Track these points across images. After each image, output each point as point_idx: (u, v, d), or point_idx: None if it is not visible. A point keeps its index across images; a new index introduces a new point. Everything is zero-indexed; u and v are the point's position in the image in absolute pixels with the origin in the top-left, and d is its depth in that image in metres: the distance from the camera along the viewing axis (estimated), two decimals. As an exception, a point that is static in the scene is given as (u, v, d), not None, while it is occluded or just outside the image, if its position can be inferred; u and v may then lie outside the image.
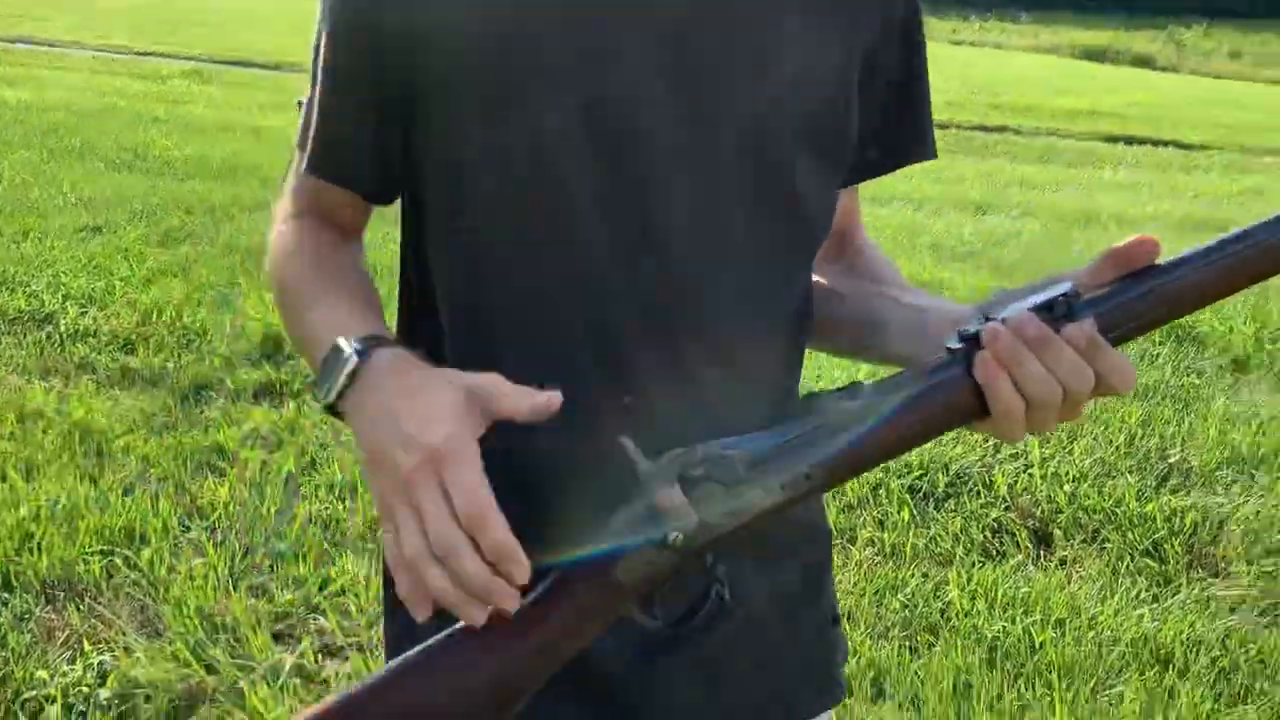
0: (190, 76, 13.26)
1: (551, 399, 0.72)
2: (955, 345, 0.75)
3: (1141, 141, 13.49)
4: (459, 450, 0.68)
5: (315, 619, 2.63)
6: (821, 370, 3.89)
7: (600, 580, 0.70)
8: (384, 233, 1.60)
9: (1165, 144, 13.44)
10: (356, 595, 2.70)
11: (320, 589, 2.74)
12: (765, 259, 0.88)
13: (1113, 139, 13.55)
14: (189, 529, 3.00)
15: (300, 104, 0.95)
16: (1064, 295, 0.73)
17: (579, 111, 0.81)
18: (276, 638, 2.57)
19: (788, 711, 0.96)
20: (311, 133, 0.91)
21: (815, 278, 0.97)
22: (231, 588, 2.72)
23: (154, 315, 4.54)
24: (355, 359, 0.75)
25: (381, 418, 0.71)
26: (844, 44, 0.88)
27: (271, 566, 2.84)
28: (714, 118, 0.83)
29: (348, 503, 3.15)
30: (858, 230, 1.05)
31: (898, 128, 0.96)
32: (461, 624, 0.69)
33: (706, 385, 0.85)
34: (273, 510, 3.08)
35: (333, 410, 0.77)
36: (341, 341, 0.76)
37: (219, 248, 5.74)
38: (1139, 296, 0.74)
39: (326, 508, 3.13)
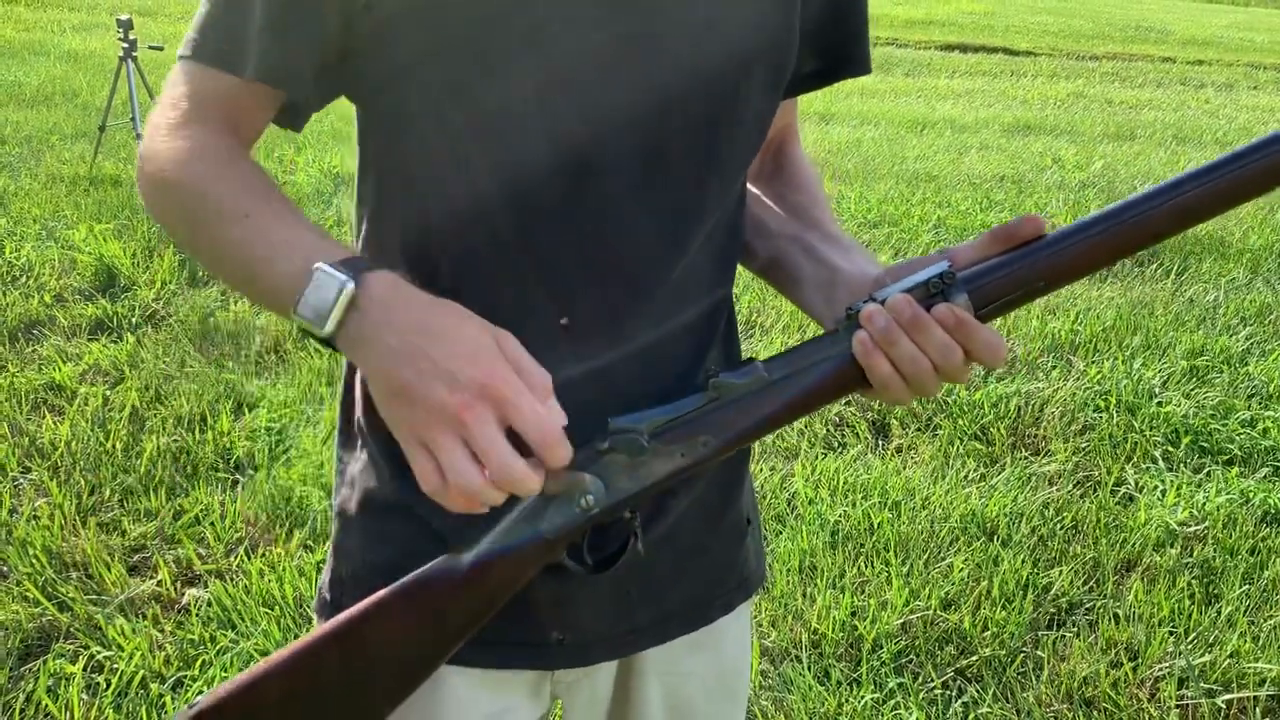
0: (-7, -4, 12.29)
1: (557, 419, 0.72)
2: (842, 322, 0.82)
3: (975, 50, 13.94)
4: (515, 383, 0.69)
5: (171, 550, 2.61)
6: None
7: (529, 538, 0.80)
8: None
9: (996, 51, 13.93)
10: (212, 524, 2.68)
11: (174, 519, 2.71)
12: (701, 174, 0.88)
13: (948, 48, 13.96)
14: (29, 470, 2.90)
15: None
16: (940, 275, 0.79)
17: (520, 34, 0.80)
18: (132, 571, 2.54)
19: (707, 606, 1.03)
20: (243, 32, 0.83)
21: (749, 205, 1.00)
22: (80, 525, 2.66)
23: (-28, 252, 4.30)
24: (350, 285, 0.71)
25: (406, 351, 0.70)
26: None
27: (121, 501, 2.79)
28: (654, 36, 0.83)
29: (197, 434, 3.10)
30: (793, 143, 1.07)
31: (837, 41, 0.97)
32: (412, 577, 0.80)
33: (641, 299, 0.88)
34: (118, 446, 3.01)
35: (326, 342, 0.73)
36: (325, 267, 0.72)
37: (40, 179, 5.43)
38: (1016, 270, 0.79)
39: (175, 440, 3.07)
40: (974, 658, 2.38)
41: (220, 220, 0.80)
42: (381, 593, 0.80)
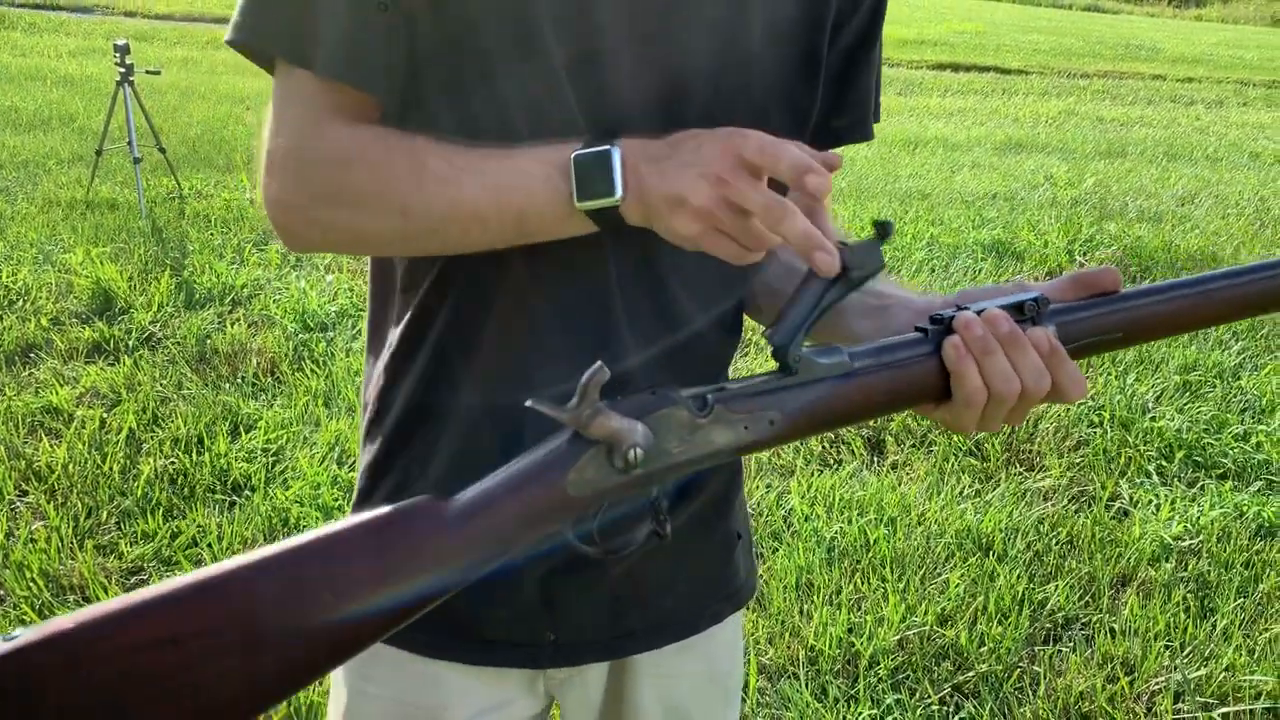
0: (-11, 22, 12.35)
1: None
2: (928, 327, 0.76)
3: (966, 69, 14.03)
4: (767, 139, 0.73)
5: (169, 572, 2.61)
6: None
7: (548, 487, 0.67)
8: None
9: (988, 70, 14.02)
10: (209, 546, 2.69)
11: (170, 541, 2.71)
12: None
13: (940, 67, 14.05)
14: (26, 493, 2.91)
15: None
16: (1034, 300, 0.76)
17: (563, 68, 0.81)
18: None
19: (697, 615, 1.05)
20: (328, 39, 0.81)
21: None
22: (78, 548, 2.66)
23: (-31, 277, 4.31)
24: (615, 150, 0.76)
25: (672, 168, 0.74)
26: (813, 13, 0.88)
27: (118, 524, 2.79)
28: (681, 76, 0.84)
29: (194, 456, 3.10)
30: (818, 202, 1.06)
31: (851, 100, 0.96)
32: (392, 508, 0.65)
33: (654, 344, 0.89)
34: (115, 468, 3.01)
35: (608, 218, 0.77)
36: (581, 152, 0.76)
37: (37, 204, 5.45)
38: (1101, 316, 0.78)
39: (172, 462, 3.07)
40: (970, 673, 2.38)
41: (445, 177, 0.79)
42: (344, 521, 0.64)
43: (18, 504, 2.86)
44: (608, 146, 0.76)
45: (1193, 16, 28.62)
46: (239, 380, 3.63)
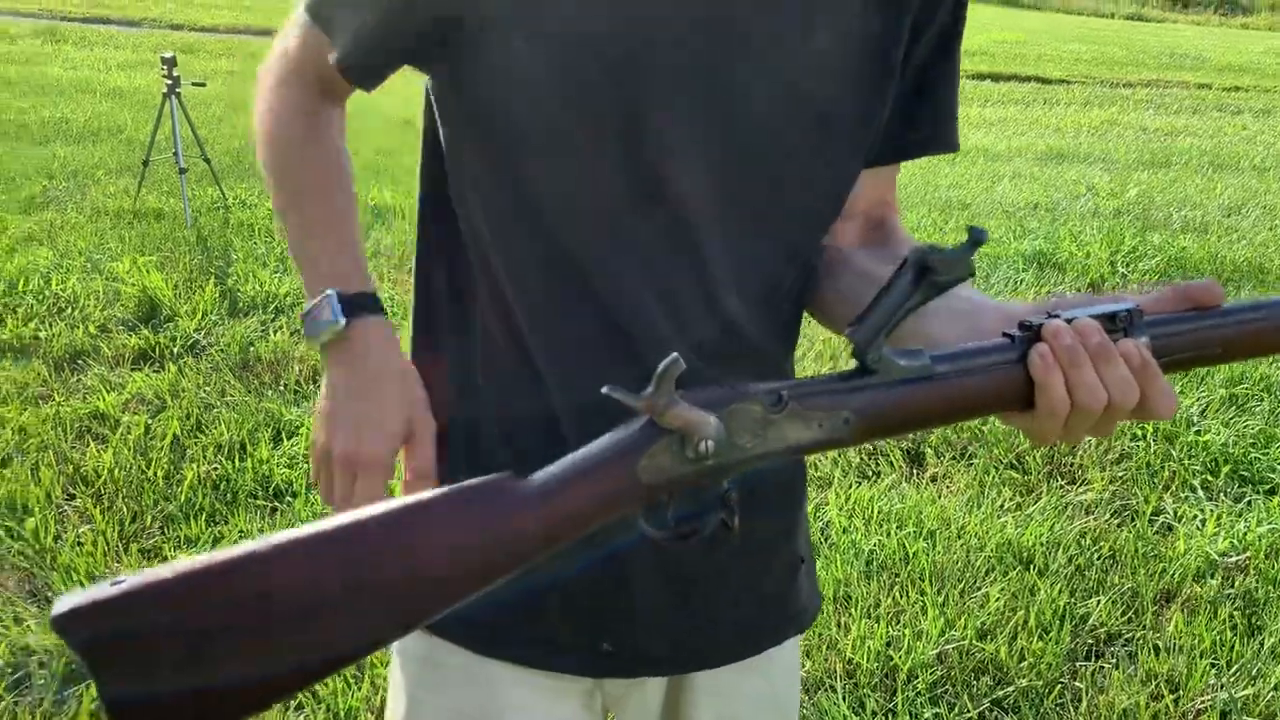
0: (42, 35, 12.61)
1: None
2: (1015, 334, 0.74)
3: (1007, 78, 13.92)
4: (379, 465, 0.89)
5: (210, 576, 2.64)
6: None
7: (621, 472, 0.67)
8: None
9: (1028, 80, 13.91)
10: (251, 551, 2.72)
11: (213, 546, 2.74)
12: (772, 231, 0.89)
13: (980, 76, 13.95)
14: (74, 497, 2.96)
15: None
16: (1128, 311, 0.74)
17: (609, 83, 0.82)
18: (172, 597, 2.57)
19: (757, 637, 1.05)
20: (347, 22, 0.90)
21: (851, 260, 0.96)
22: (122, 551, 2.70)
23: (20, 284, 4.39)
24: (341, 323, 0.89)
25: (342, 391, 0.91)
26: (888, 26, 0.87)
27: (162, 529, 2.83)
28: (732, 94, 0.84)
29: (236, 462, 3.14)
30: (893, 215, 1.03)
31: (930, 113, 0.95)
32: (474, 481, 0.67)
33: (706, 350, 0.88)
34: (160, 474, 3.06)
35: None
36: (334, 300, 0.90)
37: (86, 213, 5.55)
38: (1198, 330, 0.75)
39: (215, 468, 3.12)
40: (1011, 689, 2.36)
41: (291, 197, 0.96)
42: (423, 494, 0.65)
43: (65, 508, 2.91)
44: (342, 318, 0.89)
45: (1239, 25, 28.23)
46: (281, 387, 3.68)
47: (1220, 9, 30.59)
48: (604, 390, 0.65)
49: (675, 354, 0.65)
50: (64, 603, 0.55)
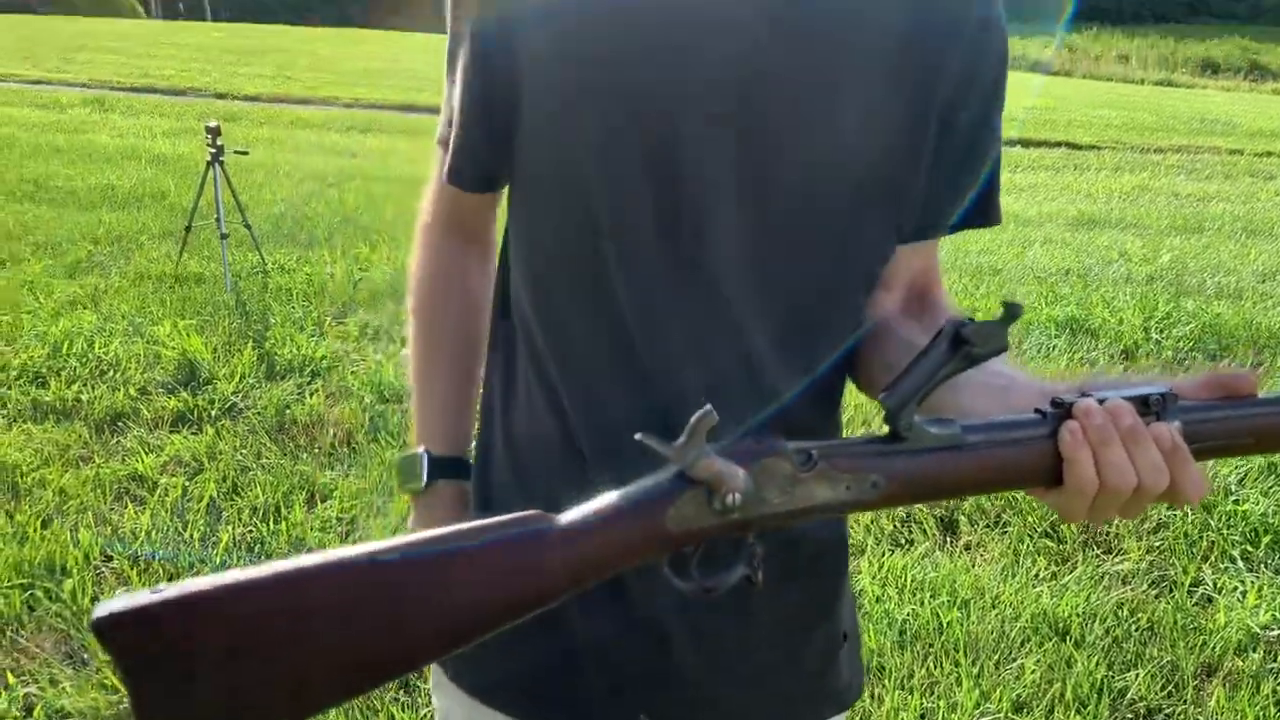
0: (91, 104, 13.00)
1: None
2: (1047, 410, 0.74)
3: (1037, 144, 13.98)
4: None
5: (244, 640, 2.65)
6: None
7: (649, 520, 0.69)
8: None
9: (1058, 145, 13.96)
10: (284, 614, 2.73)
11: (248, 610, 2.76)
12: (808, 301, 0.91)
13: (1010, 142, 14.01)
14: (110, 559, 2.99)
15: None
16: (1161, 394, 0.74)
17: (644, 147, 0.85)
18: (205, 660, 2.59)
19: (791, 715, 1.05)
20: (450, 140, 0.99)
21: (896, 330, 0.98)
22: (157, 613, 2.72)
23: (64, 347, 4.48)
24: (423, 483, 1.06)
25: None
26: (918, 102, 0.88)
27: (197, 591, 2.85)
28: (767, 164, 0.85)
29: (271, 525, 3.17)
30: (935, 287, 1.05)
31: (970, 188, 0.96)
32: (507, 517, 0.69)
33: (743, 412, 0.89)
34: (196, 536, 3.09)
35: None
36: (424, 458, 1.07)
37: (129, 277, 5.68)
38: (1231, 419, 0.76)
39: (250, 530, 3.15)
40: (1049, 764, 2.32)
41: (418, 346, 1.12)
42: (460, 525, 0.67)
43: (102, 569, 2.94)
44: (424, 480, 1.06)
45: (1270, 90, 28.25)
46: (315, 450, 3.72)
47: (1250, 76, 30.66)
48: (636, 437, 0.66)
49: (708, 406, 0.66)
50: (105, 607, 0.56)
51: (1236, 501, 3.53)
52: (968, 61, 0.88)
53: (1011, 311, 0.69)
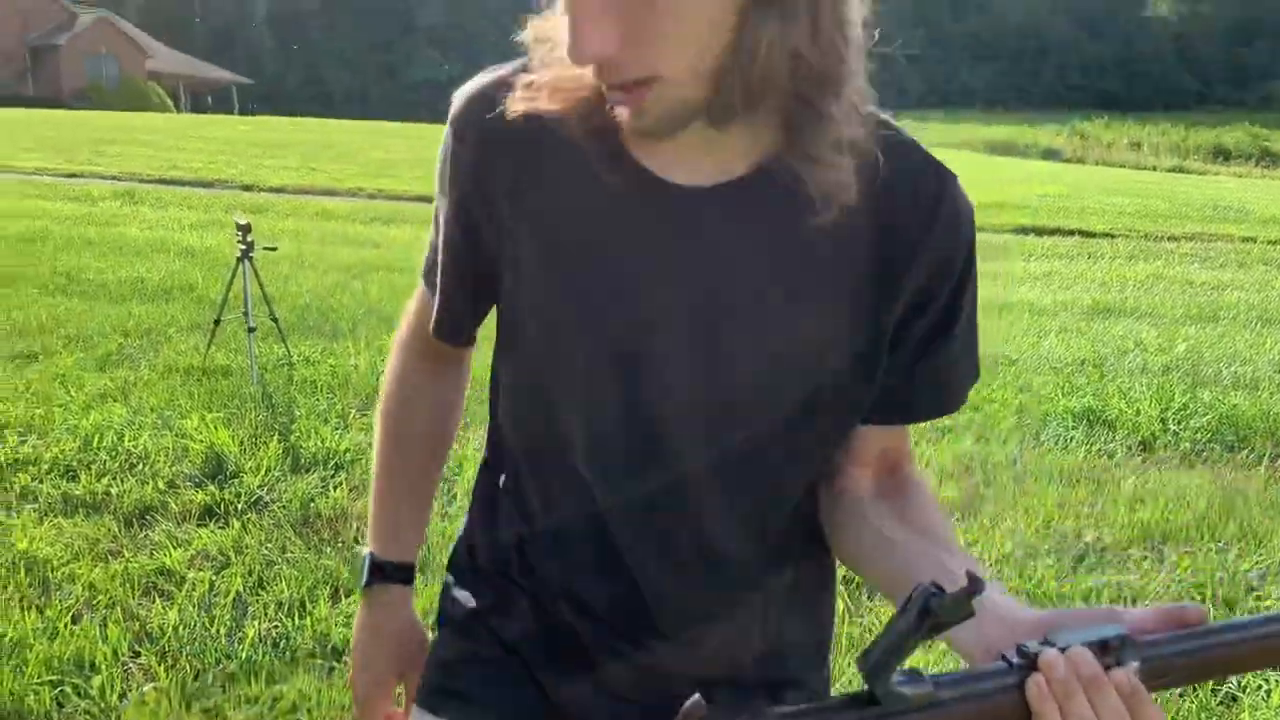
0: (121, 197, 13.33)
1: None
2: (1014, 660, 0.79)
3: (1050, 232, 14.13)
4: (360, 700, 1.22)
5: (269, 738, 2.68)
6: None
7: None
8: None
9: (1072, 233, 14.09)
10: (309, 711, 2.76)
11: (272, 707, 2.79)
12: (764, 489, 1.01)
13: (1023, 230, 14.18)
14: (139, 654, 3.03)
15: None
16: (1119, 637, 0.79)
17: (610, 356, 0.96)
18: (231, 758, 2.61)
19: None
20: (435, 289, 1.11)
21: (867, 514, 1.03)
22: (185, 711, 2.75)
23: (95, 440, 4.57)
24: (364, 580, 1.20)
25: (358, 630, 1.23)
26: (878, 313, 0.95)
27: (223, 687, 2.89)
28: (727, 371, 0.95)
29: (296, 620, 3.21)
30: (907, 464, 1.09)
31: (922, 382, 1.02)
32: None
33: (701, 588, 1.02)
34: (222, 631, 3.13)
35: None
36: (366, 559, 1.20)
37: (158, 370, 5.79)
38: (1182, 654, 0.80)
39: (275, 625, 3.18)
40: None
41: (378, 456, 1.21)
42: None
43: (130, 665, 2.98)
44: (366, 580, 1.20)
45: (1281, 177, 28.50)
46: (339, 544, 3.77)
47: (1262, 162, 30.97)
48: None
49: (697, 695, 0.72)
50: None
51: (1258, 597, 3.52)
52: (929, 264, 0.95)
53: (972, 587, 0.74)
